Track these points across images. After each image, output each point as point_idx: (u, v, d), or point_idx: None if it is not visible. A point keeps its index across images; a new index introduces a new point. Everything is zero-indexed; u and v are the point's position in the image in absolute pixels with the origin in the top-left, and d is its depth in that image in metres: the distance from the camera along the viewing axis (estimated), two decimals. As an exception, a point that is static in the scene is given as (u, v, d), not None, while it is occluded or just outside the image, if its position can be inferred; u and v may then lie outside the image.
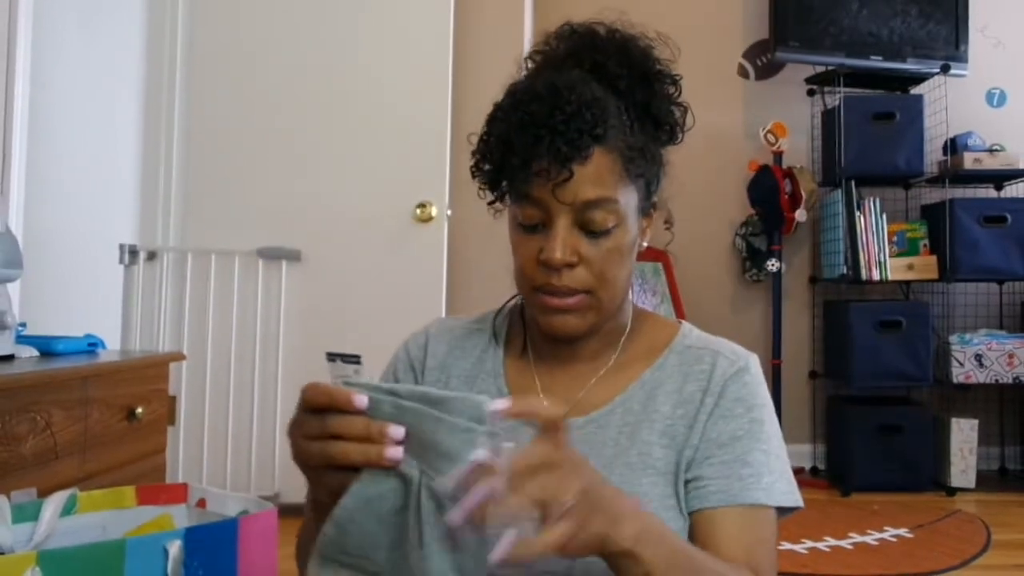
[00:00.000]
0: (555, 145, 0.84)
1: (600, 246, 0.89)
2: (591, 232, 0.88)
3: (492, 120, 0.92)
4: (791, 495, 0.91)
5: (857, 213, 3.67)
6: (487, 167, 0.92)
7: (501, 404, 0.65)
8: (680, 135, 0.96)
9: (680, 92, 0.96)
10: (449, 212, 3.02)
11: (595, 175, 0.87)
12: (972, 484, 3.54)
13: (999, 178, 3.86)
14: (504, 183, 0.91)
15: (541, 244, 0.88)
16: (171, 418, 2.69)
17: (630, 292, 0.99)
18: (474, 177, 0.96)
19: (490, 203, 0.96)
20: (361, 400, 0.67)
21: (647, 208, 0.95)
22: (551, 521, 0.64)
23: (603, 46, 0.94)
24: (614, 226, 0.89)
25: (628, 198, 0.90)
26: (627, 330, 0.99)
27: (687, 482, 0.89)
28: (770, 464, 0.91)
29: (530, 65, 1.00)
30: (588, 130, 0.85)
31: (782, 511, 0.92)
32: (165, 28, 3.05)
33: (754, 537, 0.87)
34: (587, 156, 0.86)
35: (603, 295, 0.90)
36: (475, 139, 0.94)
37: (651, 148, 0.92)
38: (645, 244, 0.97)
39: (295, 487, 2.89)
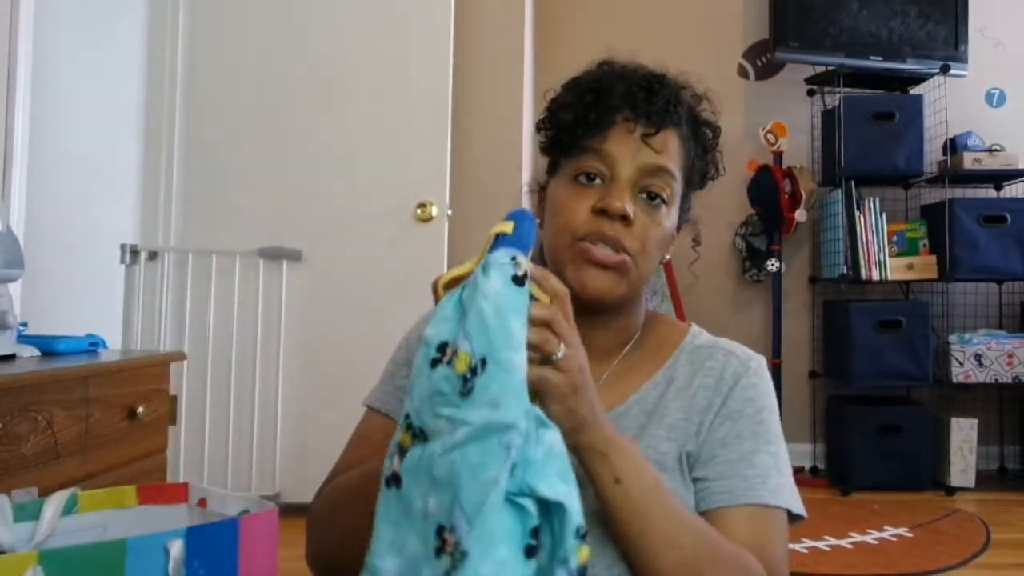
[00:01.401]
0: (649, 101, 0.89)
1: (651, 216, 0.90)
2: (650, 195, 0.90)
3: (577, 78, 0.95)
4: (796, 502, 0.92)
5: (857, 213, 3.67)
6: (563, 117, 0.93)
7: (526, 264, 0.70)
8: (712, 180, 1.00)
9: (718, 143, 0.99)
10: (449, 212, 3.02)
11: (667, 147, 0.90)
12: (972, 483, 3.55)
13: (999, 178, 3.86)
14: (579, 132, 0.91)
15: (600, 195, 0.89)
16: (172, 418, 2.69)
17: (643, 295, 1.00)
18: (539, 129, 0.98)
19: (550, 166, 0.98)
20: None
21: (682, 218, 0.97)
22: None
23: (658, 81, 0.95)
24: (667, 201, 0.91)
25: (679, 188, 0.93)
26: (639, 330, 0.99)
27: (694, 481, 0.90)
28: (778, 466, 0.91)
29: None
30: (674, 106, 0.90)
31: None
32: (166, 29, 3.05)
33: (763, 535, 0.87)
34: (666, 127, 0.90)
35: (641, 265, 0.91)
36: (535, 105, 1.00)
37: (697, 168, 0.96)
38: (668, 256, 0.98)
39: (296, 487, 2.90)
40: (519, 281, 0.69)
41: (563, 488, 0.66)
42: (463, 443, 0.65)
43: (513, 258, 0.70)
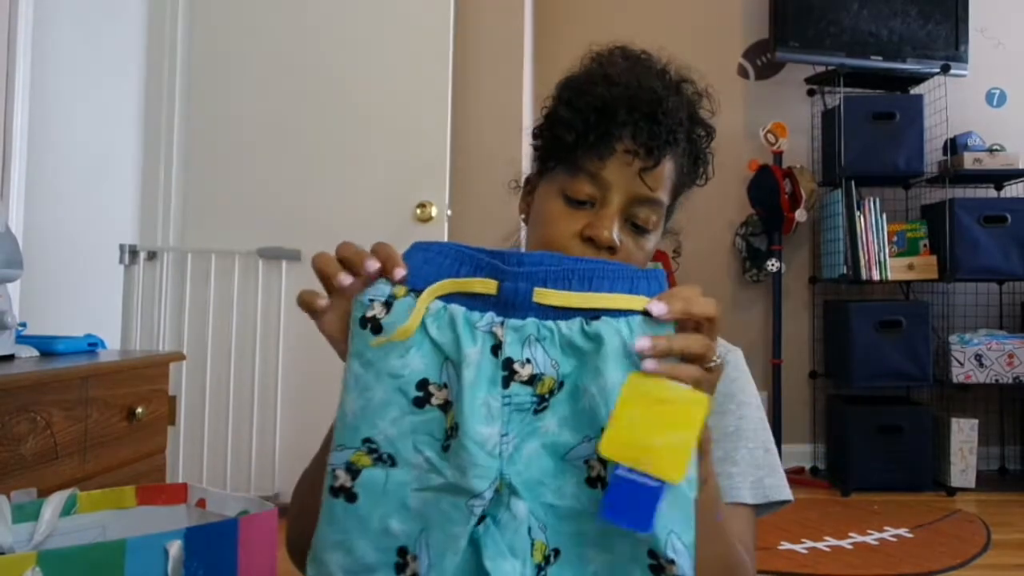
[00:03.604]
0: (652, 133, 0.85)
1: (636, 242, 0.89)
2: (635, 227, 0.88)
3: (578, 87, 0.91)
4: (778, 489, 0.93)
5: (857, 213, 3.67)
6: (562, 135, 0.89)
7: (657, 309, 0.66)
8: (703, 181, 0.97)
9: (711, 142, 0.96)
10: (449, 212, 3.02)
11: (662, 176, 0.88)
12: (972, 484, 3.54)
13: (999, 178, 3.86)
14: (577, 152, 0.88)
15: (588, 220, 0.87)
16: (171, 418, 2.69)
17: None
18: (536, 137, 0.95)
19: (541, 167, 0.95)
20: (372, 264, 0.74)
21: (665, 230, 0.96)
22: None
23: (661, 75, 0.93)
24: (652, 230, 0.89)
25: (665, 210, 0.91)
26: None
27: None
28: (757, 460, 0.92)
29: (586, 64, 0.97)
30: (674, 131, 0.87)
31: (770, 505, 0.93)
32: (165, 28, 3.05)
33: (742, 533, 0.88)
34: (666, 155, 0.87)
35: None
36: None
37: (688, 179, 0.94)
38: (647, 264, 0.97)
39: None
40: (495, 352, 0.67)
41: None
42: (437, 489, 0.66)
43: (491, 328, 0.67)
